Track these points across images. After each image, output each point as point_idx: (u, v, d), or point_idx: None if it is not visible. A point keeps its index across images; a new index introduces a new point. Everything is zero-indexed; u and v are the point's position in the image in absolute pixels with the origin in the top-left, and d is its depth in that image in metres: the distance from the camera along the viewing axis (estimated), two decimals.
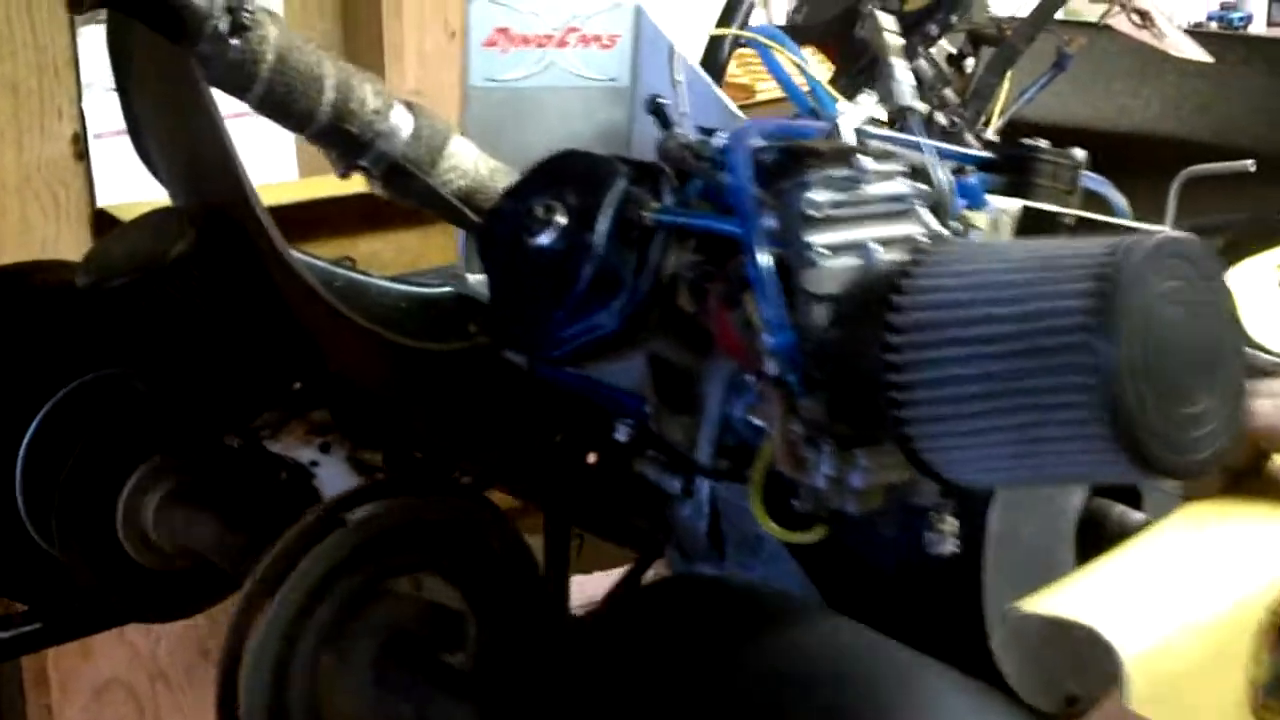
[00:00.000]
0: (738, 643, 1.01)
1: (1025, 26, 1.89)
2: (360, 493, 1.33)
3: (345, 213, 1.95)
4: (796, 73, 1.33)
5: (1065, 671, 1.05)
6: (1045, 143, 1.27)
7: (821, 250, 0.93)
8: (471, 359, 1.40)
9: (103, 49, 2.17)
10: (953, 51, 1.90)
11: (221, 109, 1.22)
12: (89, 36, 2.30)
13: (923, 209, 0.98)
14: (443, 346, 1.42)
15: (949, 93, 1.85)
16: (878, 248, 0.93)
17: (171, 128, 1.43)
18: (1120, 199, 1.33)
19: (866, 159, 0.96)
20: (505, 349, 1.22)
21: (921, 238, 0.96)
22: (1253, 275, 1.63)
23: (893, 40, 1.14)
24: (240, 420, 1.56)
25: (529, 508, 1.64)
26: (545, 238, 1.10)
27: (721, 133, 1.10)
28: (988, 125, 1.84)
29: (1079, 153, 1.27)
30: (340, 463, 1.55)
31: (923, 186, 0.98)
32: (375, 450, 1.56)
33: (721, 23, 1.80)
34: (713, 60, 1.71)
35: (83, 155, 2.30)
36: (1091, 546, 1.13)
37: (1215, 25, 3.61)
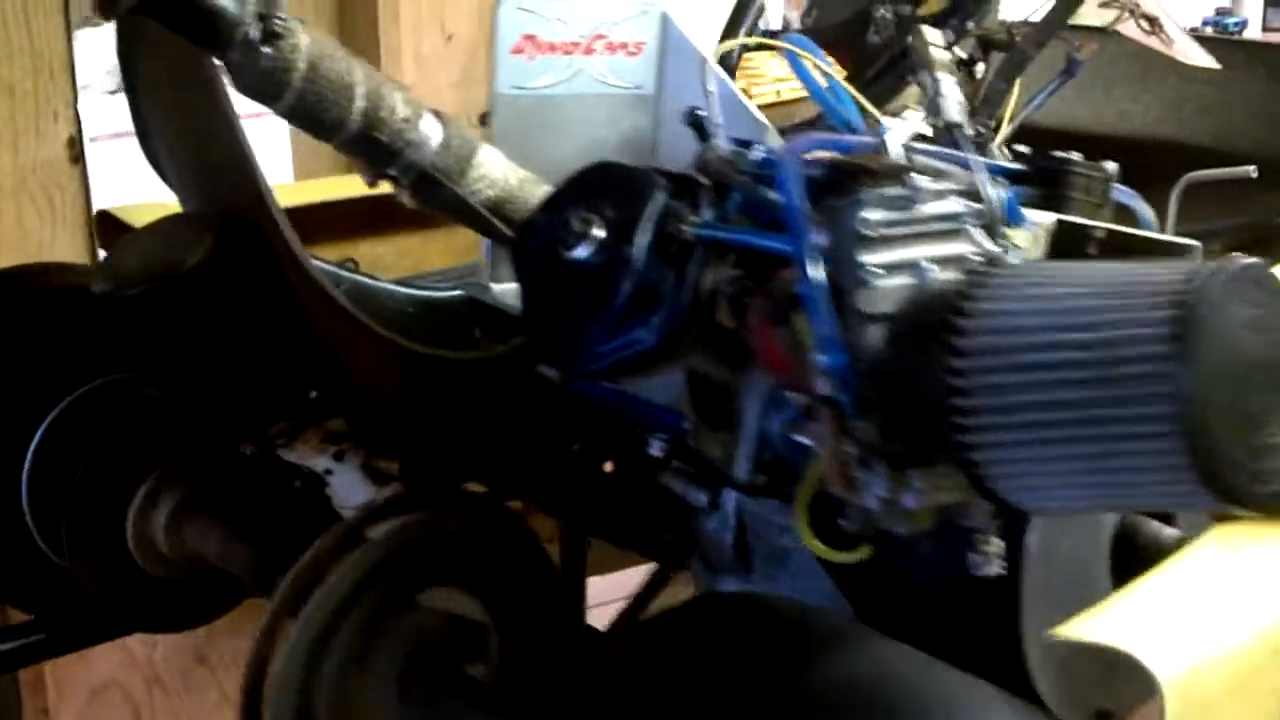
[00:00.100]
0: (783, 664, 1.00)
1: (1036, 32, 1.89)
2: (381, 508, 1.32)
3: (347, 216, 1.93)
4: (821, 80, 1.32)
5: (1098, 689, 1.04)
6: (1077, 155, 1.26)
7: (875, 269, 0.92)
8: (488, 368, 1.39)
9: (98, 52, 2.16)
10: (963, 57, 1.89)
11: (237, 112, 1.21)
12: (85, 39, 2.28)
13: (974, 227, 0.97)
14: (461, 355, 1.41)
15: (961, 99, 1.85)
16: (931, 267, 0.92)
17: (185, 131, 1.42)
18: (1148, 211, 1.32)
19: (920, 177, 0.95)
20: (539, 363, 1.20)
21: (974, 256, 0.95)
22: None
23: (940, 55, 1.13)
24: (255, 428, 1.55)
25: (535, 512, 1.63)
26: (582, 251, 1.08)
27: (760, 146, 1.09)
28: (997, 131, 1.84)
29: (1111, 165, 1.26)
30: (355, 471, 1.53)
31: (975, 205, 0.97)
32: (390, 459, 1.54)
33: (728, 29, 1.79)
34: (723, 65, 1.70)
35: (78, 158, 2.29)
36: (1126, 562, 1.12)
37: (1211, 30, 3.62)
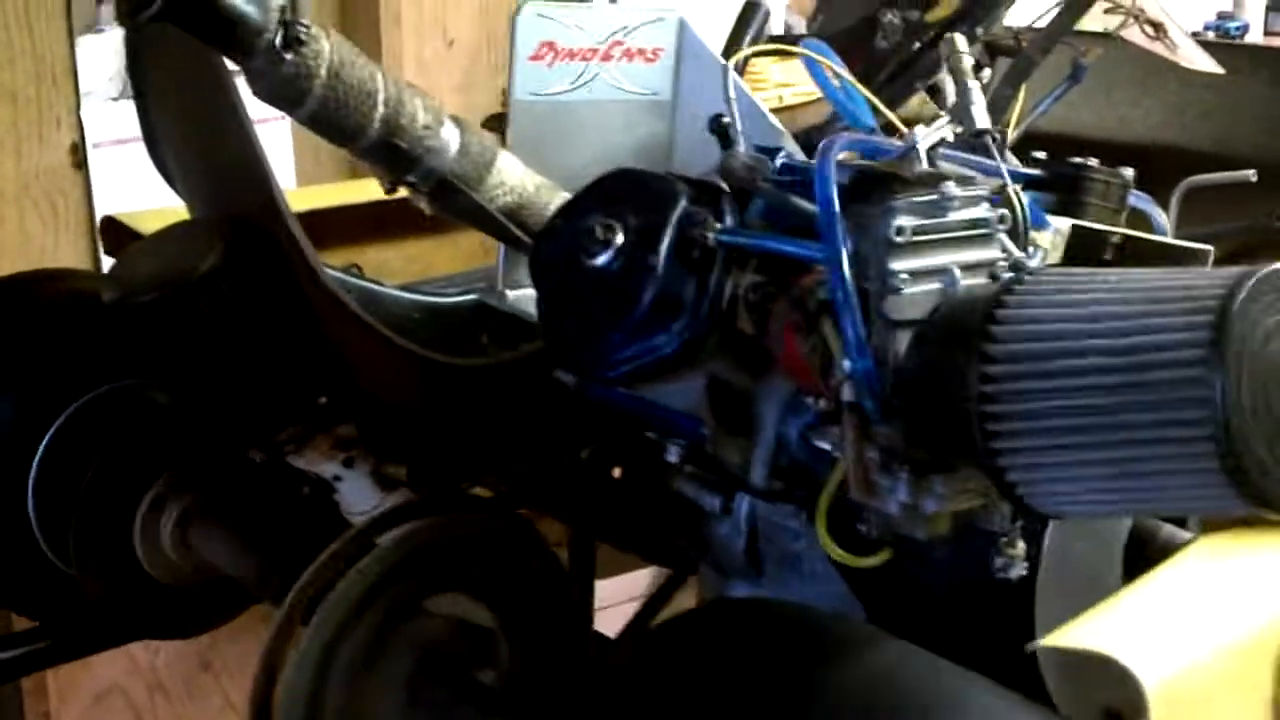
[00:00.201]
0: (795, 669, 1.00)
1: (1041, 38, 1.89)
2: (390, 514, 1.31)
3: (353, 221, 1.93)
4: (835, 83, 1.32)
5: (1105, 692, 1.05)
6: (1095, 160, 1.26)
7: (905, 276, 0.92)
8: (498, 374, 1.38)
9: (101, 59, 2.16)
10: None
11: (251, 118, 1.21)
12: (87, 46, 2.28)
13: (1002, 234, 0.97)
14: (472, 362, 1.41)
15: None
16: (959, 274, 0.92)
17: (195, 137, 1.42)
18: (1162, 217, 1.32)
19: (951, 184, 0.94)
20: (557, 369, 1.20)
21: (1001, 263, 0.95)
22: None
23: (968, 61, 1.13)
24: (264, 434, 1.54)
25: (543, 517, 1.63)
26: (603, 258, 1.08)
27: (779, 152, 1.09)
28: (1003, 137, 1.84)
29: (1128, 171, 1.27)
30: (364, 477, 1.53)
31: (1003, 211, 0.97)
32: (400, 465, 1.54)
33: (735, 35, 1.79)
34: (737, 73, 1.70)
35: (81, 164, 2.29)
36: (1139, 564, 1.12)
37: (1212, 35, 3.62)
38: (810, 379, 1.00)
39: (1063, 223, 1.18)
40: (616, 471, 1.47)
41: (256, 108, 1.20)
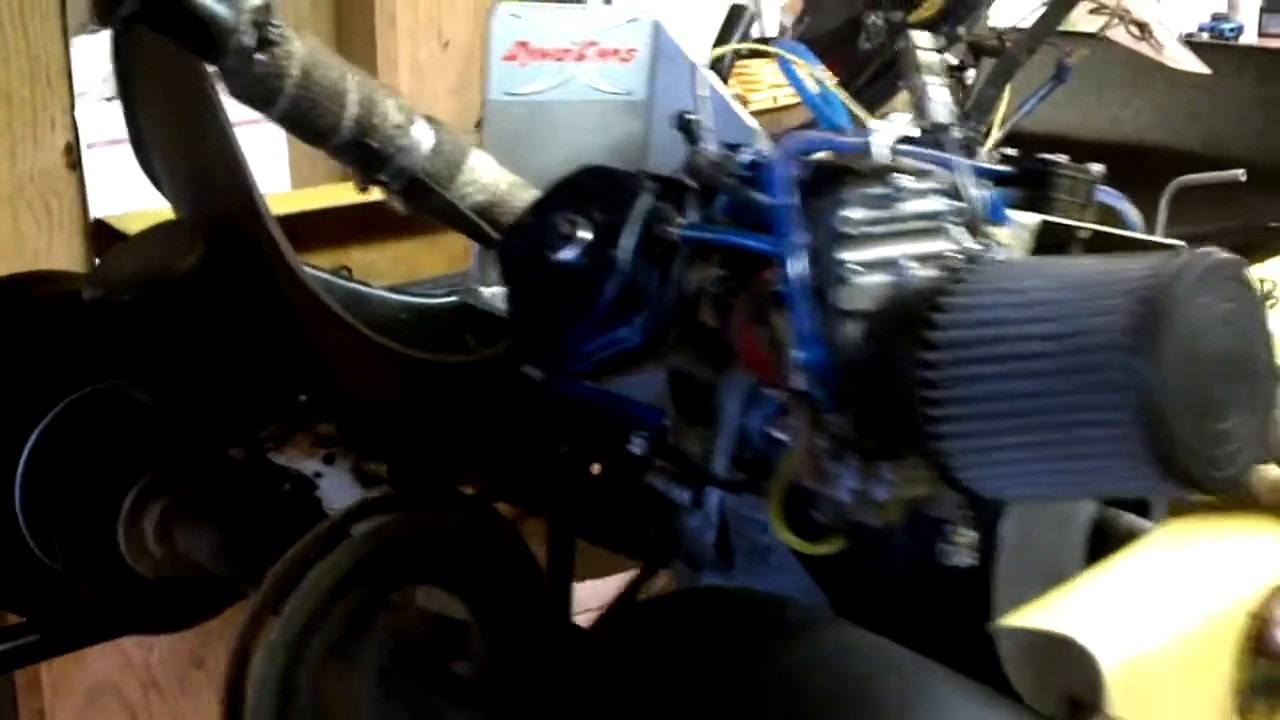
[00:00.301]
0: (748, 655, 1.01)
1: (1026, 38, 1.90)
2: (364, 506, 1.33)
3: (341, 223, 1.94)
4: (813, 85, 1.33)
5: (1064, 678, 1.06)
6: (1063, 157, 1.27)
7: (855, 267, 0.94)
8: (478, 371, 1.40)
9: (96, 59, 2.17)
10: (954, 63, 1.91)
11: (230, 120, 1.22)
12: (82, 46, 2.29)
13: (955, 226, 0.98)
14: (451, 359, 1.42)
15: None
16: (911, 265, 0.94)
17: (179, 140, 1.43)
18: (1133, 212, 1.33)
19: (903, 177, 0.96)
20: (524, 363, 1.21)
21: (954, 255, 0.97)
22: None
23: (928, 58, 1.14)
24: (245, 432, 1.56)
25: (528, 515, 1.64)
26: (569, 253, 1.10)
27: (747, 148, 1.10)
28: (988, 136, 1.85)
29: (1096, 167, 1.28)
30: (344, 474, 1.54)
31: (956, 203, 0.99)
32: (380, 462, 1.55)
33: (722, 36, 1.81)
34: (715, 71, 1.71)
35: (76, 165, 2.29)
36: (1101, 555, 1.13)
37: (1207, 36, 3.63)
38: (768, 371, 1.02)
39: (1028, 218, 1.19)
40: (596, 468, 1.49)
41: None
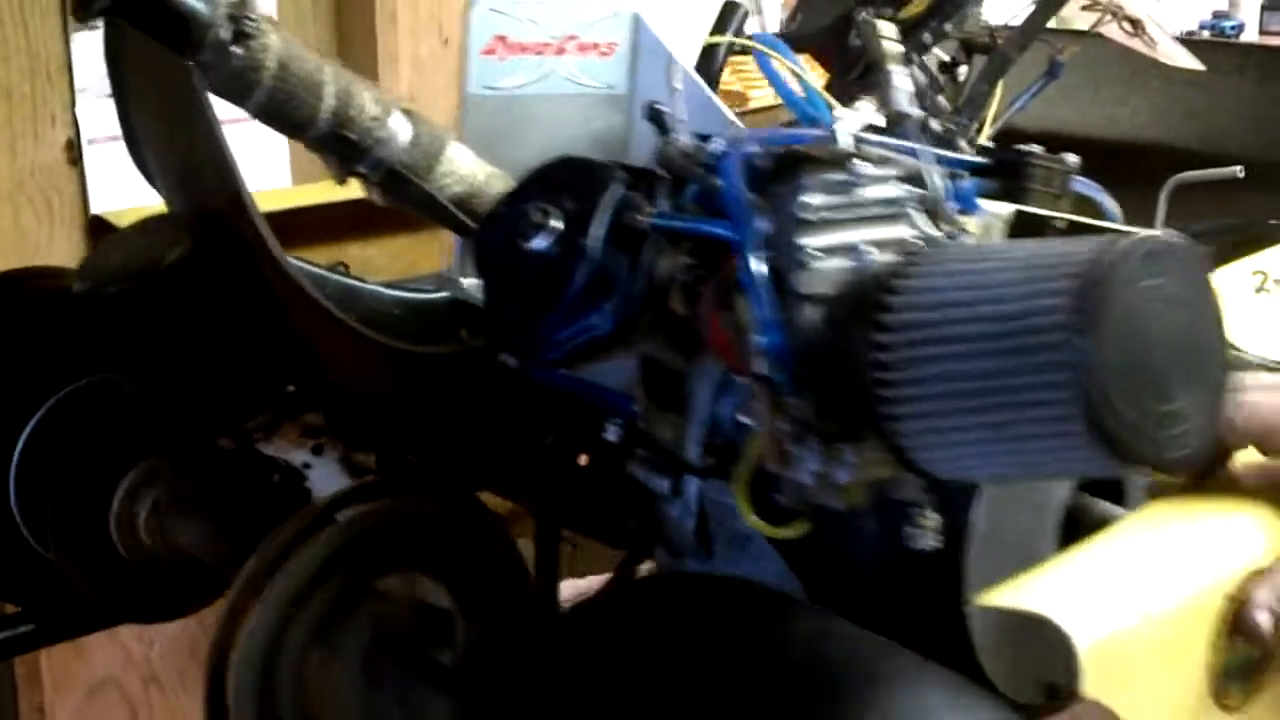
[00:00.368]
0: (713, 636, 1.02)
1: (1017, 35, 1.91)
2: (349, 493, 1.34)
3: (338, 219, 1.96)
4: (793, 80, 1.34)
5: (1040, 664, 1.06)
6: (1038, 148, 1.28)
7: (814, 252, 0.95)
8: (464, 362, 1.41)
9: (97, 55, 2.18)
10: (946, 59, 1.92)
11: (217, 115, 1.23)
12: (83, 42, 2.30)
13: (916, 212, 0.99)
14: (436, 350, 1.43)
15: (942, 100, 1.87)
16: (870, 250, 0.95)
17: (168, 135, 1.44)
18: (1111, 203, 1.34)
19: (862, 163, 0.97)
20: (500, 352, 1.23)
21: (914, 240, 0.98)
22: (1230, 280, 1.65)
23: (890, 47, 1.15)
24: (233, 423, 1.57)
25: (521, 513, 1.65)
26: (540, 241, 1.11)
27: (719, 138, 1.11)
28: (980, 132, 1.86)
29: (1071, 158, 1.29)
30: (333, 464, 1.55)
31: (916, 190, 1.00)
32: (368, 452, 1.57)
33: (716, 31, 1.81)
34: (707, 67, 1.72)
35: (76, 161, 2.30)
36: (1074, 542, 1.14)
37: (1207, 34, 3.63)
38: (734, 356, 1.03)
39: (1002, 208, 1.20)
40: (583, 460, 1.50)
41: None
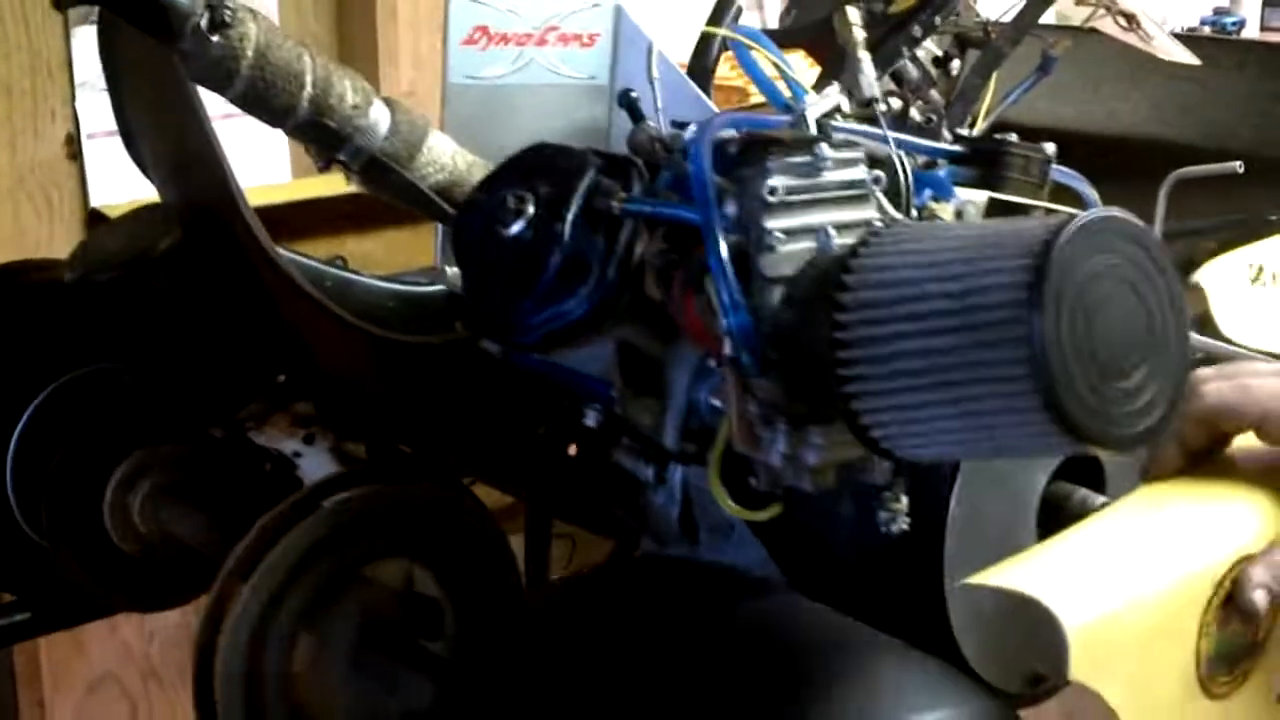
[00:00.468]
0: (689, 620, 1.03)
1: (1011, 29, 1.91)
2: (337, 479, 1.35)
3: (337, 212, 1.96)
4: (776, 73, 1.35)
5: (1024, 650, 1.07)
6: (1014, 136, 1.28)
7: (779, 235, 0.96)
8: (453, 352, 1.41)
9: (95, 50, 2.19)
10: (939, 54, 1.92)
11: (212, 109, 1.24)
12: (83, 37, 2.31)
13: (881, 195, 1.00)
14: (425, 339, 1.44)
15: (934, 93, 1.87)
16: (833, 232, 0.96)
17: (159, 126, 1.45)
18: (1091, 192, 1.34)
19: (826, 147, 0.98)
20: (481, 338, 1.24)
21: (878, 223, 0.98)
22: (1226, 272, 1.65)
23: (859, 34, 1.16)
24: (225, 412, 1.58)
25: (516, 507, 1.66)
26: (516, 227, 1.12)
27: (693, 125, 1.12)
28: (973, 127, 1.86)
29: (1049, 147, 1.29)
30: (324, 454, 1.56)
31: (881, 174, 1.01)
32: (359, 442, 1.58)
33: (711, 24, 1.82)
34: (701, 61, 1.73)
35: (76, 156, 2.31)
36: (1053, 529, 1.15)
37: (1209, 30, 3.63)
38: (707, 340, 1.04)
39: (977, 195, 1.21)
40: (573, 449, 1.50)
41: None
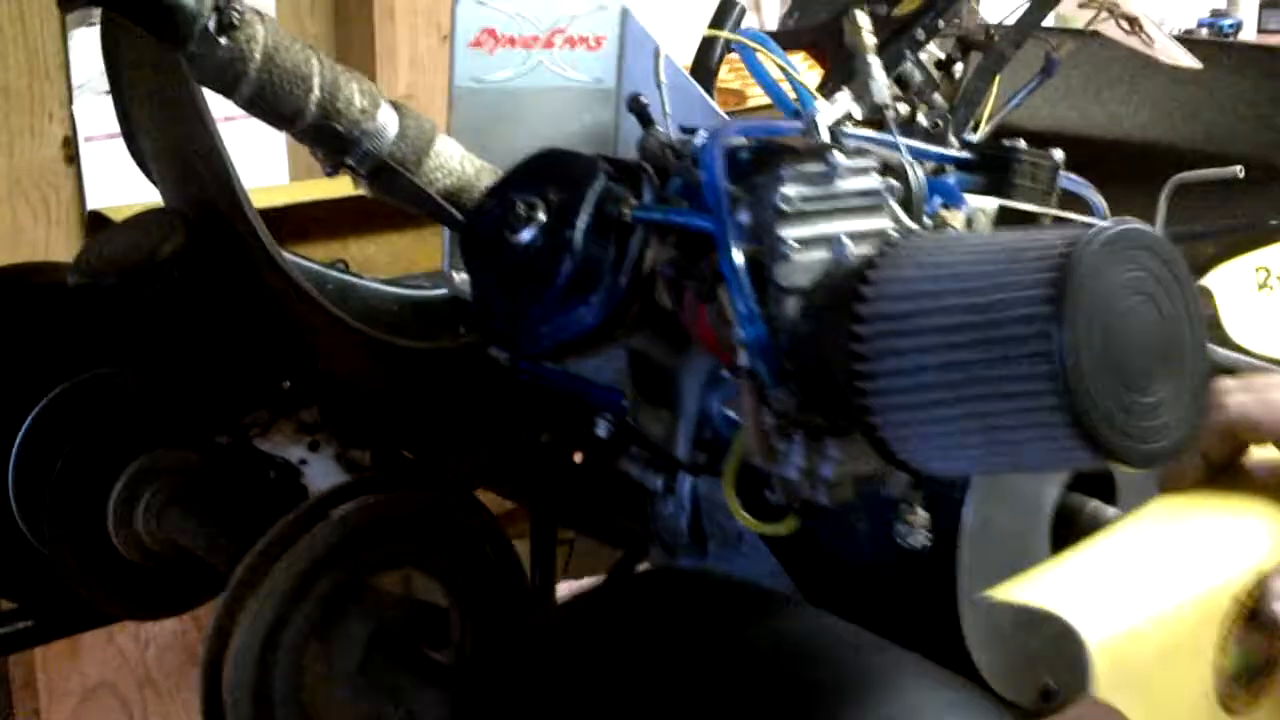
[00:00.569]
0: (705, 634, 1.02)
1: (1013, 32, 1.90)
2: (345, 489, 1.34)
3: (338, 216, 1.95)
4: (783, 76, 1.34)
5: (1038, 663, 1.05)
6: (1022, 143, 1.28)
7: (793, 244, 0.95)
8: (459, 358, 1.41)
9: (94, 52, 2.19)
10: (942, 57, 1.92)
11: (214, 111, 1.23)
12: (80, 39, 2.31)
13: (894, 204, 0.99)
14: (430, 345, 1.44)
15: (938, 97, 1.87)
16: (848, 241, 0.95)
17: (164, 130, 1.44)
18: (1099, 199, 1.34)
19: (840, 155, 0.97)
20: (489, 346, 1.23)
21: (892, 232, 0.98)
22: (1233, 277, 1.65)
23: (869, 39, 1.15)
24: (230, 418, 1.57)
25: (519, 513, 1.65)
26: (526, 234, 1.11)
27: (703, 131, 1.11)
28: (976, 130, 1.86)
29: (1057, 153, 1.28)
30: (329, 461, 1.56)
31: (894, 182, 1.00)
32: (363, 449, 1.57)
33: (713, 28, 1.81)
34: (704, 64, 1.72)
35: (73, 158, 2.31)
36: (1065, 542, 1.14)
37: (1206, 32, 3.63)
38: (720, 350, 1.03)
39: (987, 202, 1.20)
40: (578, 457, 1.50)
41: None
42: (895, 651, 1.01)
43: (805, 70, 1.86)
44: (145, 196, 1.66)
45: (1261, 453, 1.09)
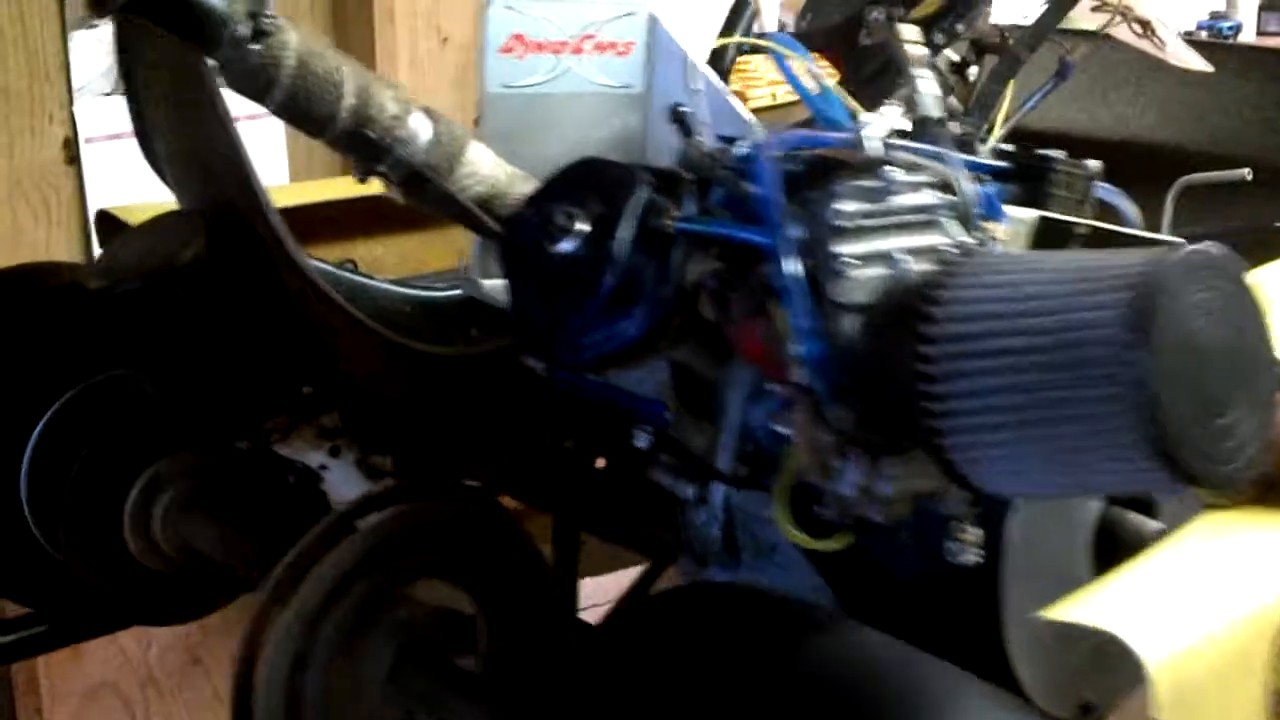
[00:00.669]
0: (758, 652, 1.01)
1: (1028, 35, 1.90)
2: (371, 500, 1.33)
3: (346, 217, 1.94)
4: (810, 81, 1.34)
5: (1081, 678, 1.05)
6: (1061, 153, 1.27)
7: (850, 260, 0.94)
8: (481, 363, 1.40)
9: (94, 54, 2.18)
10: (956, 60, 1.91)
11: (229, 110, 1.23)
12: (81, 41, 2.30)
13: (948, 220, 0.98)
14: (453, 351, 1.43)
15: (953, 101, 1.86)
16: (906, 258, 0.94)
17: (182, 132, 1.43)
18: (1131, 209, 1.33)
19: (894, 170, 0.96)
20: (526, 355, 1.22)
21: (947, 248, 0.97)
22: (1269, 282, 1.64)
23: (915, 51, 1.14)
24: (250, 423, 1.56)
25: (533, 509, 1.64)
26: (567, 245, 1.10)
27: (743, 141, 1.10)
28: (990, 133, 1.85)
29: (1093, 163, 1.28)
30: (349, 466, 1.55)
31: (948, 197, 0.99)
32: (384, 454, 1.56)
33: (725, 31, 1.80)
34: (717, 67, 1.71)
35: (74, 159, 2.30)
36: (1107, 555, 1.13)
37: (1205, 34, 3.63)
38: (769, 364, 1.02)
39: (1026, 214, 1.20)
40: (601, 463, 1.49)
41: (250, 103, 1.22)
42: (941, 666, 1.00)
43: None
44: (146, 197, 1.65)
45: None
